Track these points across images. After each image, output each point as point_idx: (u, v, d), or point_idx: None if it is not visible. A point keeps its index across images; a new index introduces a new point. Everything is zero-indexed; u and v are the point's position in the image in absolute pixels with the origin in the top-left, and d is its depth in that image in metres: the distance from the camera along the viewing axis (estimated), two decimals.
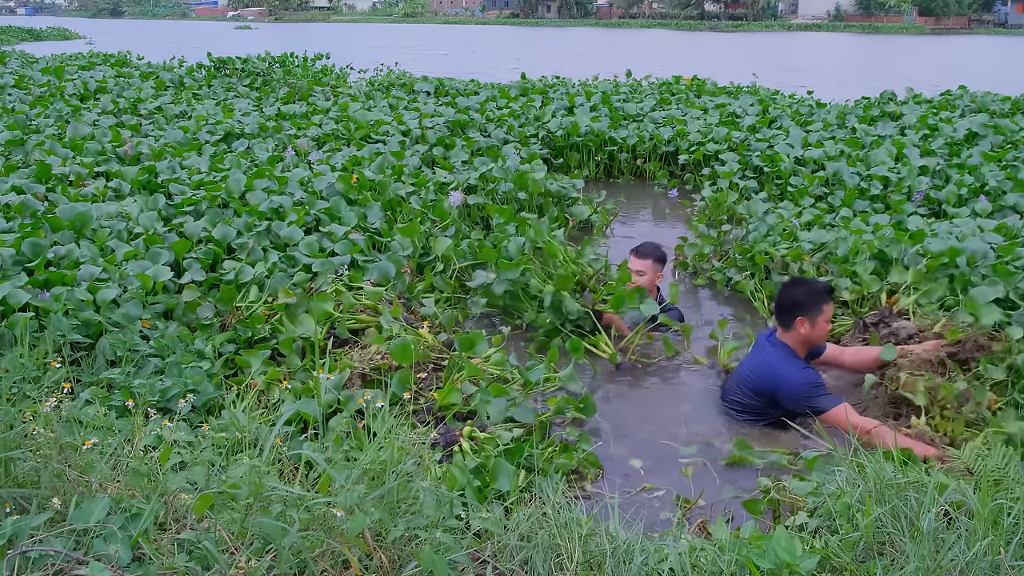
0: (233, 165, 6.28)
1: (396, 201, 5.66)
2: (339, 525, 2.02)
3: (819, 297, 3.58)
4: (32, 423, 2.40)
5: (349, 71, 13.94)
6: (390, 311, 3.98)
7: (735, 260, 5.39)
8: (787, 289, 3.72)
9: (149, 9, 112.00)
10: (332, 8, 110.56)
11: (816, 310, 3.57)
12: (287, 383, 3.37)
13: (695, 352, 4.35)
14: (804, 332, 3.59)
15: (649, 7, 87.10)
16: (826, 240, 5.05)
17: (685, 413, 3.80)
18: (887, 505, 2.26)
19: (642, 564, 2.14)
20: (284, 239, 4.81)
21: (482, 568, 2.13)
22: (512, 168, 6.63)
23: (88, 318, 3.55)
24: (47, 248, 4.16)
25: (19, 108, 8.62)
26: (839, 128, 8.82)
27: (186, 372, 3.28)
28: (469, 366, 3.52)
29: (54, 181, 5.72)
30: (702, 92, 11.53)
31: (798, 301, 3.60)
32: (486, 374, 3.63)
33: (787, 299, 3.65)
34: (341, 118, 8.88)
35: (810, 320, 3.57)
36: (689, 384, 4.11)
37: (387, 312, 3.97)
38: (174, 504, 2.17)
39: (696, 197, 7.20)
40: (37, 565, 1.85)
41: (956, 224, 5.18)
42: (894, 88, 11.24)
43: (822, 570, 2.15)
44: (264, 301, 4.11)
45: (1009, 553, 2.03)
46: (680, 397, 4.00)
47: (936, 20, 74.23)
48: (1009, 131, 8.01)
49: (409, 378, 3.37)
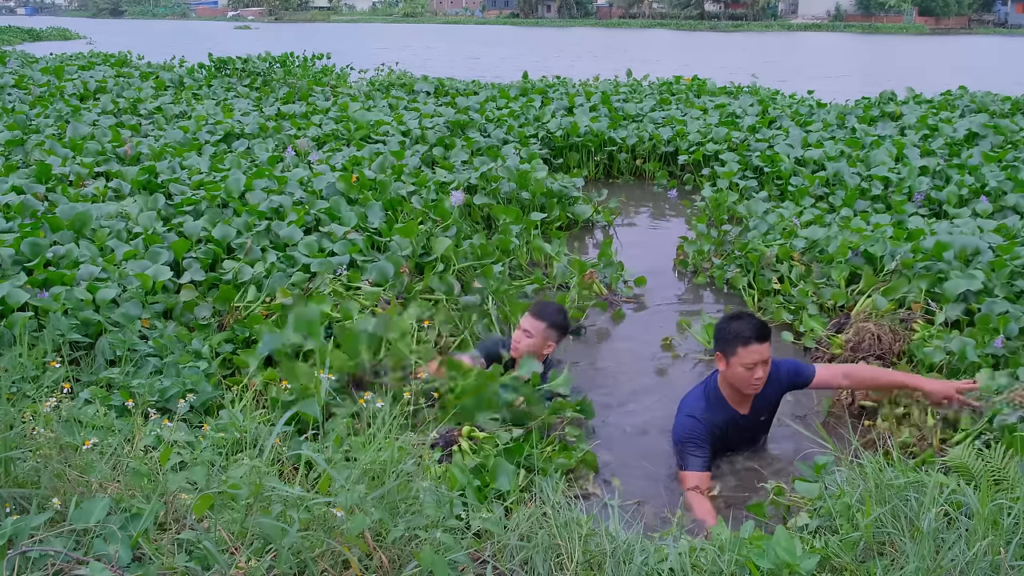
0: (233, 165, 6.28)
1: (397, 201, 5.66)
2: (339, 525, 2.02)
3: (735, 339, 3.13)
4: (32, 423, 2.40)
5: (349, 71, 13.94)
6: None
7: (733, 257, 5.41)
8: (722, 319, 3.31)
9: (149, 9, 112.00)
10: (332, 8, 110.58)
11: (730, 350, 3.15)
12: (286, 383, 3.36)
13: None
14: (722, 369, 3.23)
15: (649, 7, 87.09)
16: (818, 238, 5.08)
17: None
18: (887, 505, 2.26)
19: (642, 564, 2.14)
20: (284, 239, 4.81)
21: (482, 568, 2.13)
22: (513, 168, 6.63)
23: (87, 318, 3.55)
24: (46, 248, 4.16)
25: (19, 108, 8.63)
26: (839, 128, 8.82)
27: (184, 372, 3.28)
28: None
29: (54, 181, 5.72)
30: (702, 92, 11.53)
31: (719, 335, 3.23)
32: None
33: (716, 330, 3.28)
34: (341, 118, 8.88)
35: (725, 359, 3.19)
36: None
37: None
38: (174, 504, 2.17)
39: (696, 197, 7.20)
40: (37, 565, 1.84)
41: (956, 224, 5.18)
42: (894, 88, 11.24)
43: (822, 570, 2.15)
44: (262, 301, 4.10)
45: (1009, 553, 2.03)
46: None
47: (936, 20, 74.23)
48: (1009, 131, 8.01)
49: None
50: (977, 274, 4.14)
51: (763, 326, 3.19)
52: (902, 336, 3.98)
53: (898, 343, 3.94)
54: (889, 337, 3.95)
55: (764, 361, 3.14)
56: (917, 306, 4.20)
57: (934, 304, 4.17)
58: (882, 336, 3.94)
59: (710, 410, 3.24)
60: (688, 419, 3.22)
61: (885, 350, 3.91)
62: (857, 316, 4.26)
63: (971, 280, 4.10)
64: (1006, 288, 4.01)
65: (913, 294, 4.26)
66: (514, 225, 5.60)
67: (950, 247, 4.46)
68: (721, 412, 3.25)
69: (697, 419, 3.20)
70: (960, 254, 4.48)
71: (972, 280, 4.09)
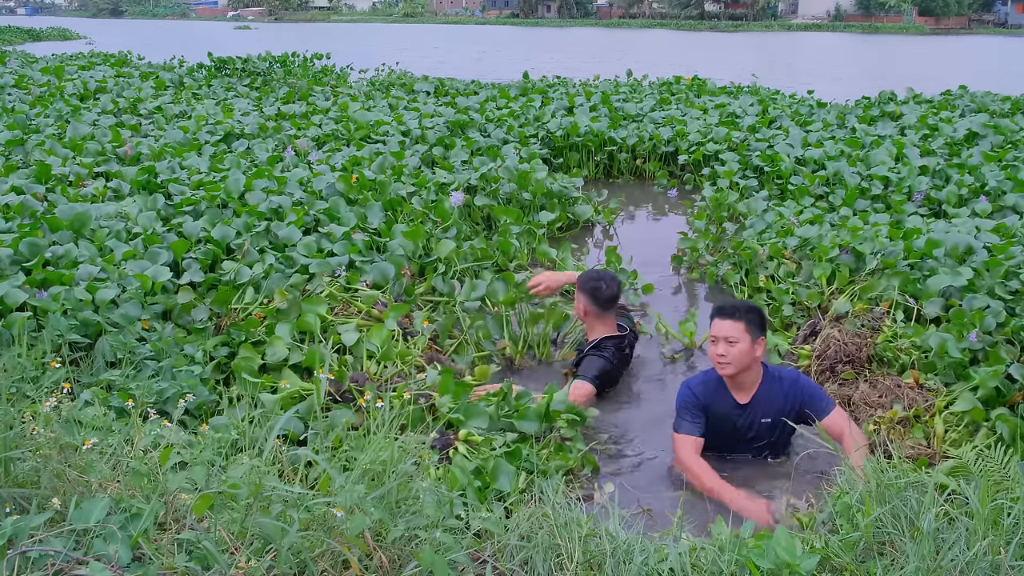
0: (233, 165, 6.27)
1: (397, 201, 5.66)
2: (339, 525, 2.02)
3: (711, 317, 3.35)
4: (32, 423, 2.40)
5: (349, 71, 13.95)
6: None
7: (727, 255, 5.44)
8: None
9: (149, 9, 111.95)
10: (332, 8, 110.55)
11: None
12: (286, 383, 3.36)
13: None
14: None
15: (649, 7, 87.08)
16: (810, 236, 5.09)
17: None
18: (887, 505, 2.26)
19: (642, 564, 2.14)
20: (283, 239, 4.80)
21: (482, 568, 2.13)
22: (513, 168, 6.63)
23: (87, 318, 3.54)
24: (45, 248, 4.15)
25: (19, 108, 8.62)
26: (839, 128, 8.82)
27: (180, 376, 3.27)
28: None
29: (54, 181, 5.71)
30: (702, 92, 11.53)
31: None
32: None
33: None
34: (341, 118, 8.87)
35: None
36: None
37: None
38: (174, 504, 2.17)
39: (696, 197, 7.20)
40: (37, 565, 1.84)
41: (954, 224, 5.19)
42: (894, 88, 11.24)
43: (822, 570, 2.15)
44: (260, 303, 4.09)
45: (1009, 553, 2.03)
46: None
47: (936, 20, 74.19)
48: (1009, 131, 8.00)
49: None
50: (964, 271, 4.11)
51: (731, 305, 3.32)
52: (869, 343, 3.92)
53: (865, 348, 3.88)
54: (855, 342, 3.91)
55: (725, 338, 3.22)
56: (886, 304, 4.17)
57: (913, 301, 4.14)
58: (848, 342, 3.92)
59: (707, 388, 3.34)
60: (684, 388, 3.38)
61: (852, 355, 3.87)
62: (830, 318, 4.24)
63: (955, 277, 4.07)
64: (1001, 287, 3.99)
65: (889, 292, 4.23)
66: (514, 226, 5.59)
67: (941, 244, 4.46)
68: (718, 394, 3.33)
69: (691, 390, 3.34)
70: (953, 252, 4.47)
71: (957, 277, 4.06)
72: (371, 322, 4.06)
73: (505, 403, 3.33)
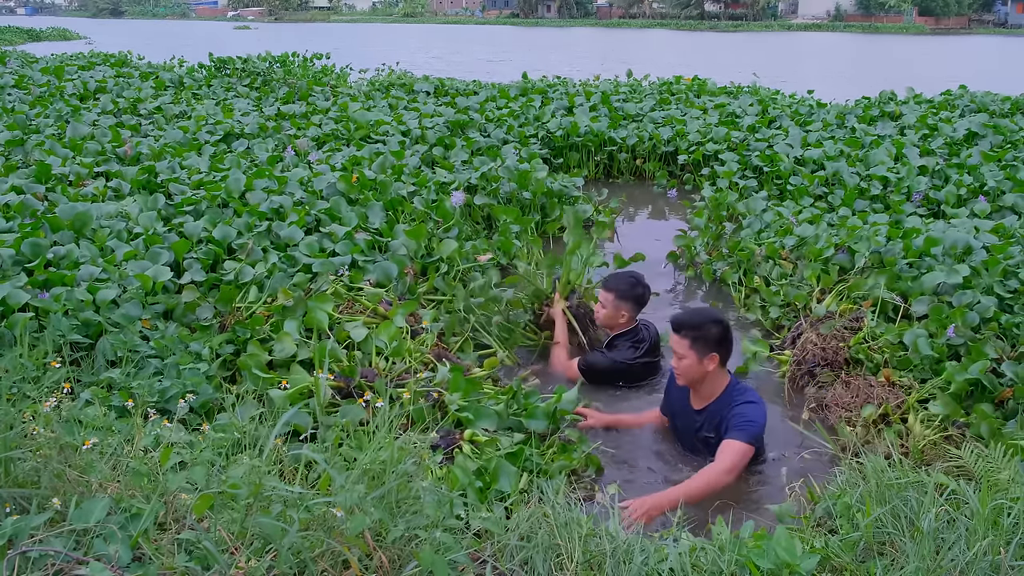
0: (233, 165, 6.27)
1: (397, 201, 5.66)
2: (339, 525, 2.02)
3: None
4: (32, 423, 2.40)
5: (349, 71, 13.93)
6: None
7: (722, 254, 5.45)
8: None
9: (149, 9, 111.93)
10: (332, 8, 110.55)
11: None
12: (286, 383, 3.36)
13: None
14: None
15: (649, 7, 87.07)
16: (807, 236, 5.09)
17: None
18: (887, 505, 2.26)
19: (642, 564, 2.14)
20: (284, 239, 4.81)
21: (482, 568, 2.13)
22: (513, 168, 6.63)
23: (88, 318, 3.55)
24: (47, 248, 4.15)
25: (19, 108, 8.61)
26: (838, 128, 8.82)
27: (184, 374, 3.27)
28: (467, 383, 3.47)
29: (54, 181, 5.71)
30: (702, 92, 11.53)
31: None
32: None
33: None
34: (341, 118, 8.87)
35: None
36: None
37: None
38: (174, 504, 2.17)
39: (696, 197, 7.20)
40: (37, 565, 1.84)
41: (953, 224, 5.19)
42: (894, 88, 11.24)
43: (822, 570, 2.15)
44: (263, 302, 4.10)
45: (1009, 553, 2.03)
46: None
47: (936, 20, 74.19)
48: (1009, 131, 8.01)
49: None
50: (961, 268, 4.09)
51: (679, 320, 3.29)
52: (844, 345, 3.90)
53: (840, 351, 3.87)
54: (832, 345, 3.90)
55: (675, 352, 3.25)
56: (868, 303, 4.16)
57: (899, 299, 4.13)
58: (825, 346, 3.92)
59: (673, 380, 3.46)
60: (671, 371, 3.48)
61: (829, 359, 3.87)
62: (811, 321, 4.23)
63: (951, 274, 4.06)
64: (999, 286, 3.99)
65: (875, 291, 4.21)
66: (514, 225, 5.59)
67: (940, 243, 4.46)
68: (681, 391, 3.41)
69: (671, 372, 3.48)
70: (951, 251, 4.46)
71: (952, 274, 4.05)
72: (377, 320, 4.07)
73: (514, 401, 3.33)
